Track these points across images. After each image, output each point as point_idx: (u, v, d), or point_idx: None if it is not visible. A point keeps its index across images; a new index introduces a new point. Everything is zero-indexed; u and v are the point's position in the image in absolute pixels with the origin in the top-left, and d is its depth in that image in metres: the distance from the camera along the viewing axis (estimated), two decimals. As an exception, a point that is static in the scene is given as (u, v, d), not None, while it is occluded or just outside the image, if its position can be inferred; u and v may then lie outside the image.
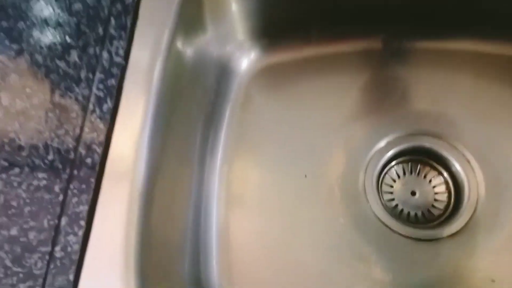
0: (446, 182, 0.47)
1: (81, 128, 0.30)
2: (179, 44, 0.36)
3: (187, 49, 0.39)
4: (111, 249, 0.27)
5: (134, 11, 0.34)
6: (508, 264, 0.42)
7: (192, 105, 0.44)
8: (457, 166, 0.46)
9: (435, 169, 0.48)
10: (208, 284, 0.42)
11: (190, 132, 0.44)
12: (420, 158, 0.48)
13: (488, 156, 0.45)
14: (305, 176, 0.46)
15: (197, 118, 0.45)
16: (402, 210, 0.47)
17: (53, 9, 0.34)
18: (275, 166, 0.47)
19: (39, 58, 0.33)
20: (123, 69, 0.32)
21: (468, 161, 0.45)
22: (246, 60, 0.49)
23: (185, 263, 0.39)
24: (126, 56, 0.32)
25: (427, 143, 0.47)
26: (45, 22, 0.34)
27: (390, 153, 0.47)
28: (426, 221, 0.46)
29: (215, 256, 0.43)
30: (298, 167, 0.47)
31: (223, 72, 0.47)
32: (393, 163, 0.48)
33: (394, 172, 0.48)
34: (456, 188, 0.46)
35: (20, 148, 0.30)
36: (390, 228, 0.44)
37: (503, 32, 0.47)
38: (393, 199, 0.47)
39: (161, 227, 0.34)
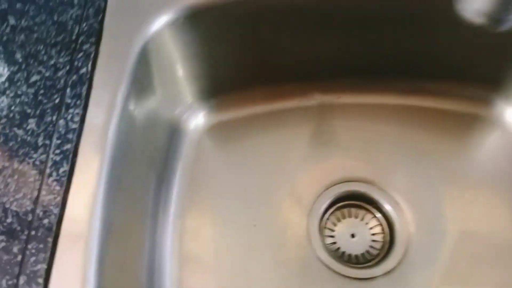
0: (381, 224, 0.52)
1: (39, 191, 0.33)
2: (131, 107, 0.39)
3: (139, 112, 0.43)
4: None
5: (88, 81, 0.38)
6: None
7: (144, 164, 0.47)
8: (388, 208, 0.50)
9: (370, 212, 0.52)
10: None
11: (142, 190, 0.47)
12: (357, 203, 0.53)
13: (415, 197, 0.50)
14: (254, 225, 0.50)
15: (149, 176, 0.48)
16: (343, 252, 0.50)
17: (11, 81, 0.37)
18: (225, 218, 0.50)
19: (-3, 127, 0.36)
20: (78, 134, 0.35)
21: (397, 203, 0.50)
22: (195, 120, 0.53)
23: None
24: (81, 122, 0.36)
25: (362, 188, 0.51)
26: (3, 93, 0.37)
27: (330, 199, 0.51)
28: (365, 260, 0.50)
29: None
30: (247, 218, 0.50)
31: (173, 131, 0.51)
32: (333, 208, 0.53)
33: (334, 217, 0.52)
34: (390, 228, 0.51)
35: (-22, 212, 0.32)
36: (332, 270, 0.48)
37: (423, 86, 0.54)
38: (335, 242, 0.51)
39: (116, 286, 0.36)
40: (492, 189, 0.50)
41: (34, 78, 0.38)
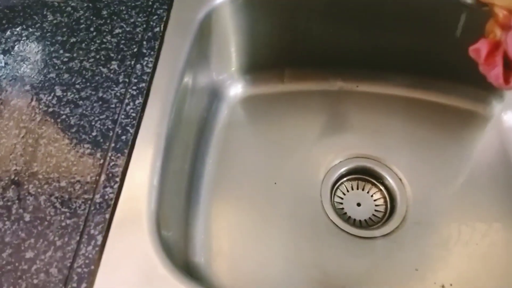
0: (384, 196, 0.59)
1: (118, 115, 0.41)
2: (190, 68, 0.48)
3: (194, 74, 0.51)
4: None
5: (161, 37, 0.46)
6: (429, 256, 0.52)
7: (192, 121, 0.55)
8: (391, 183, 0.58)
9: (375, 185, 0.60)
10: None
11: (187, 143, 0.54)
12: (364, 177, 0.60)
13: (415, 175, 0.57)
14: (275, 183, 0.58)
15: (193, 132, 0.56)
16: (349, 217, 0.58)
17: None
18: (251, 175, 0.58)
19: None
20: (151, 77, 0.44)
21: (400, 179, 0.58)
22: (234, 89, 0.61)
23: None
24: (154, 68, 0.44)
25: (369, 164, 0.59)
26: (91, 39, 0.46)
27: (342, 170, 0.59)
28: (368, 225, 0.58)
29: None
30: (269, 176, 0.58)
31: (215, 96, 0.59)
32: (344, 179, 0.60)
33: (344, 187, 0.60)
34: (391, 200, 0.58)
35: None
36: (338, 227, 0.55)
37: (429, 82, 0.62)
38: (342, 209, 0.59)
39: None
40: (482, 174, 0.58)
41: (117, 31, 0.47)
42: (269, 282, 0.52)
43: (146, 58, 0.45)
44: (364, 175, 0.60)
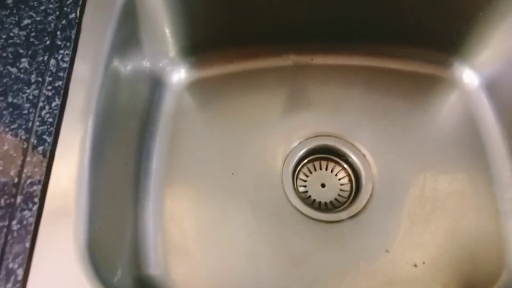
0: (348, 175, 0.56)
1: (32, 122, 0.35)
2: (117, 53, 0.42)
3: (125, 61, 0.46)
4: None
5: (77, 25, 0.40)
6: (398, 236, 0.50)
7: (128, 113, 0.50)
8: (355, 160, 0.55)
9: (339, 164, 0.57)
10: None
11: (127, 139, 0.49)
12: (327, 156, 0.57)
13: (379, 150, 0.54)
14: (232, 173, 0.53)
15: (132, 126, 0.51)
16: (314, 200, 0.55)
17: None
18: (205, 166, 0.53)
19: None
20: (69, 72, 0.38)
21: (364, 155, 0.55)
22: (177, 74, 0.56)
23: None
24: (71, 62, 0.38)
25: (331, 142, 0.56)
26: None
27: (302, 151, 0.55)
28: (334, 207, 0.54)
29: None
30: (225, 166, 0.53)
31: (156, 85, 0.54)
32: (305, 160, 0.57)
33: (307, 168, 0.57)
34: (356, 179, 0.55)
35: None
36: (303, 214, 0.52)
37: (387, 49, 0.58)
38: (306, 191, 0.55)
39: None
40: (448, 143, 0.55)
41: (25, 22, 0.40)
42: (234, 281, 0.48)
43: (61, 51, 0.39)
44: (326, 154, 0.56)
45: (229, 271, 0.49)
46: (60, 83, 0.37)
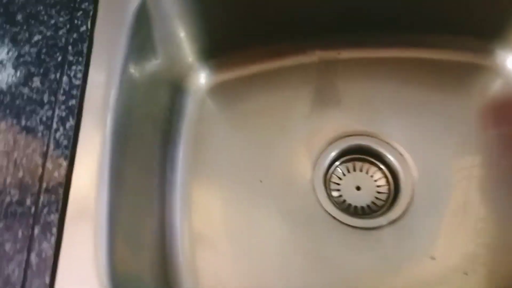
0: (385, 176, 0.52)
1: (47, 146, 0.33)
2: (132, 64, 0.39)
3: (140, 70, 0.43)
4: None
5: (89, 38, 0.38)
6: (445, 242, 0.47)
7: (149, 125, 0.47)
8: (392, 160, 0.51)
9: (374, 165, 0.53)
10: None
11: (148, 150, 0.47)
12: (361, 156, 0.53)
13: (418, 148, 0.50)
14: (260, 181, 0.51)
15: (154, 137, 0.48)
16: (349, 204, 0.51)
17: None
18: (231, 175, 0.51)
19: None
20: (82, 90, 0.35)
21: (401, 155, 0.51)
22: (197, 80, 0.53)
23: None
24: (84, 78, 0.36)
25: (365, 141, 0.52)
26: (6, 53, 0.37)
27: (334, 153, 0.52)
28: (371, 211, 0.51)
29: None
30: (253, 174, 0.51)
31: (176, 92, 0.51)
32: (338, 162, 0.53)
33: (340, 171, 0.53)
34: (394, 180, 0.51)
35: None
36: (338, 220, 0.49)
37: (420, 38, 0.54)
38: (341, 196, 0.52)
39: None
40: (493, 135, 0.51)
41: (36, 38, 0.38)
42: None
43: (73, 67, 0.37)
44: (360, 154, 0.53)
45: (260, 281, 0.46)
46: (73, 102, 0.35)
